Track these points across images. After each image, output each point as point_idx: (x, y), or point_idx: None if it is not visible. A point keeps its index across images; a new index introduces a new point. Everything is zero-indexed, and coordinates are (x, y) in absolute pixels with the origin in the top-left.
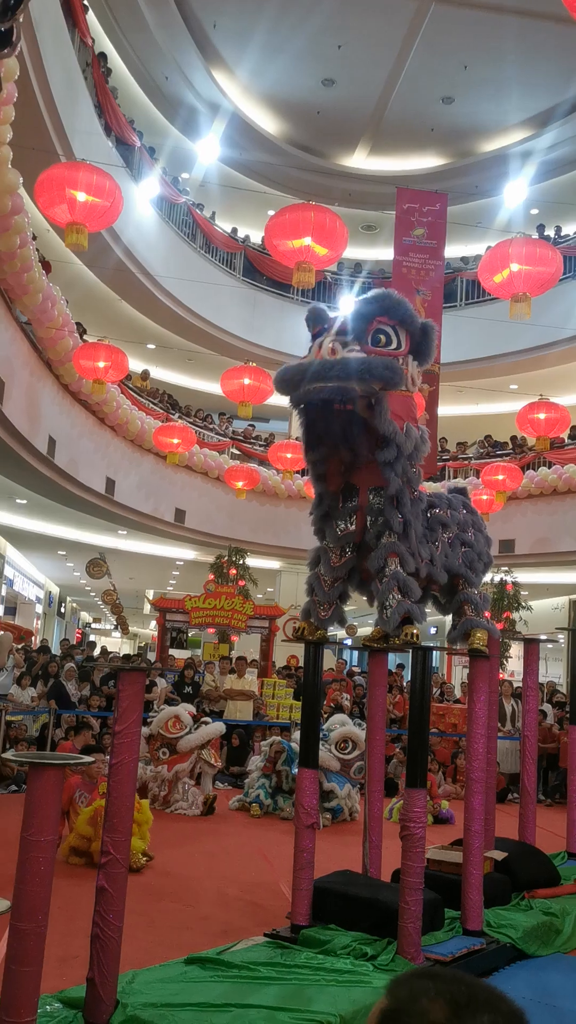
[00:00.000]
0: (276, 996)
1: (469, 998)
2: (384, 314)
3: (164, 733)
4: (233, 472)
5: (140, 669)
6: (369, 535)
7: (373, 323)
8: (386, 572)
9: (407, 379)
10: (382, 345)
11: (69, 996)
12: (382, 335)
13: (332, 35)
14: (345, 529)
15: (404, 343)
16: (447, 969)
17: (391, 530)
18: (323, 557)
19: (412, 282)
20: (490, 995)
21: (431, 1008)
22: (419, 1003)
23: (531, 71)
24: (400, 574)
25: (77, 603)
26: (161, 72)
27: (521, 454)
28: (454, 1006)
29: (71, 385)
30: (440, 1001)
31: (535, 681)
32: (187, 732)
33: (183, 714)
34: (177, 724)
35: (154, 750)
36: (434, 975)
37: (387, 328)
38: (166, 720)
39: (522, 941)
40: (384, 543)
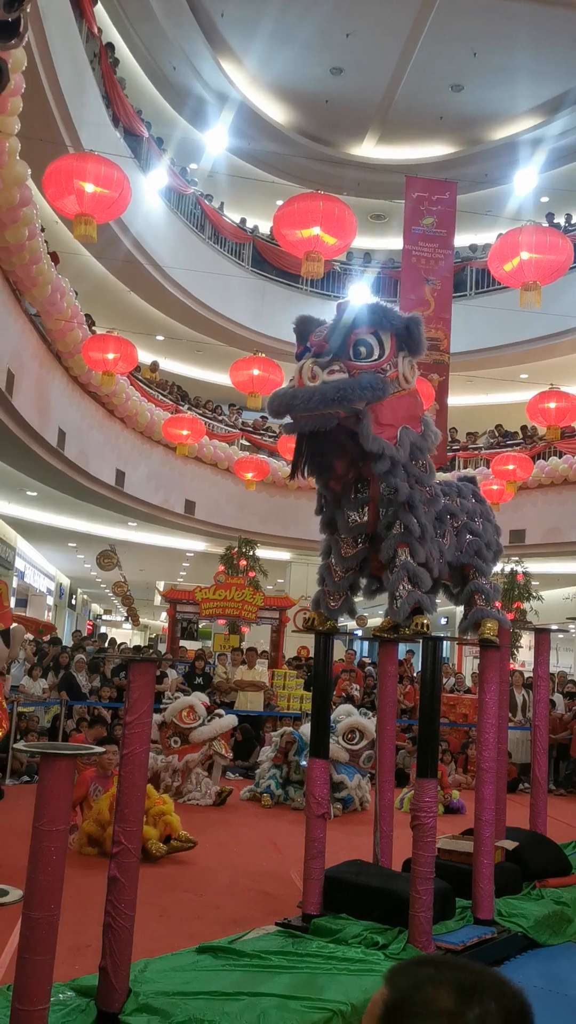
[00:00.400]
0: (288, 985)
1: (474, 983)
2: (360, 325)
3: (177, 722)
4: (243, 463)
5: (151, 660)
6: (380, 525)
7: (352, 336)
8: (396, 562)
9: (399, 380)
10: (363, 357)
11: (82, 984)
12: (363, 347)
13: (340, 23)
14: (356, 520)
15: (388, 347)
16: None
17: (408, 531)
18: (334, 547)
19: (421, 271)
20: (493, 979)
21: (437, 996)
22: (424, 992)
23: (541, 58)
24: (410, 564)
25: (88, 595)
26: (169, 62)
27: (531, 444)
28: (460, 992)
29: (80, 377)
30: (445, 988)
31: (546, 671)
32: (200, 724)
33: (198, 705)
34: (191, 714)
35: (165, 738)
36: (434, 962)
37: (366, 338)
38: (180, 709)
39: (533, 930)
40: (394, 533)
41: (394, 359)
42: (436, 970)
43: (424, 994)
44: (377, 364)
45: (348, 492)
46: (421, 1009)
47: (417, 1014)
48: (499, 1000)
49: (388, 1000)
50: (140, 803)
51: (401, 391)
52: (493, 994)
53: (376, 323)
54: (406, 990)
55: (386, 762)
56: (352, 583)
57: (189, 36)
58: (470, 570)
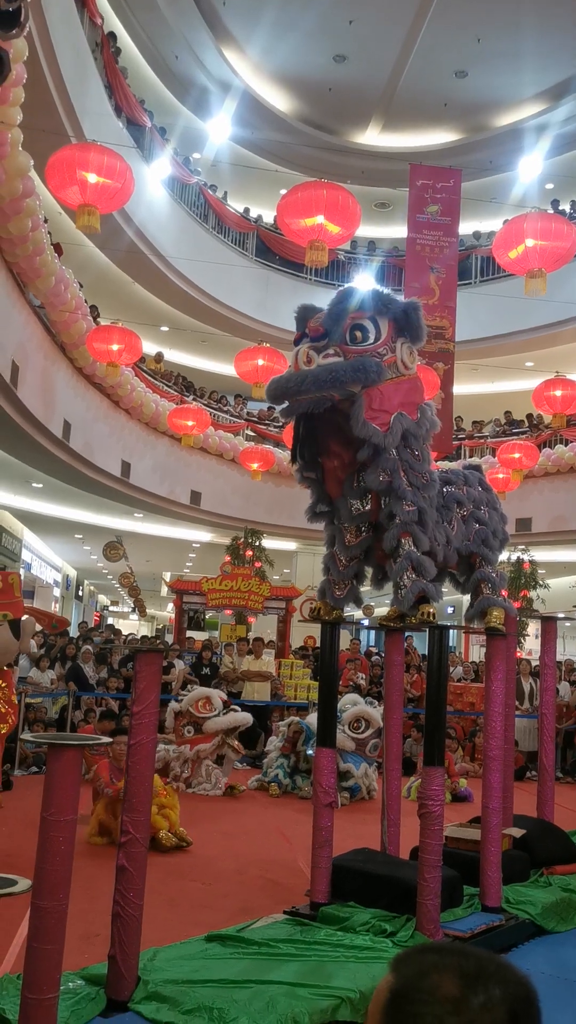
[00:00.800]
0: (296, 972)
1: (478, 970)
2: (357, 309)
3: (193, 711)
4: (248, 454)
5: (157, 650)
6: (383, 514)
7: (347, 320)
8: (400, 552)
9: (397, 365)
10: (359, 342)
11: (91, 973)
12: (358, 331)
13: (343, 10)
14: (359, 509)
15: (385, 332)
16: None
17: (407, 520)
18: (338, 536)
19: (426, 259)
20: (498, 966)
21: (442, 983)
22: (429, 979)
23: (545, 43)
24: (414, 553)
25: (95, 586)
26: (171, 51)
27: (537, 432)
28: (464, 979)
29: (85, 368)
30: (450, 975)
31: (552, 659)
32: (215, 715)
33: (215, 697)
34: (208, 705)
35: (180, 726)
36: (439, 949)
37: (363, 322)
38: (197, 700)
39: (541, 917)
40: (397, 523)
41: (391, 344)
42: (440, 957)
43: (429, 981)
44: (372, 348)
45: (350, 480)
46: (426, 996)
47: (422, 1001)
48: (504, 986)
49: (393, 987)
50: (148, 793)
51: (400, 377)
52: (498, 980)
53: (373, 308)
54: (411, 977)
55: (393, 751)
56: (357, 572)
57: (191, 24)
58: (476, 558)
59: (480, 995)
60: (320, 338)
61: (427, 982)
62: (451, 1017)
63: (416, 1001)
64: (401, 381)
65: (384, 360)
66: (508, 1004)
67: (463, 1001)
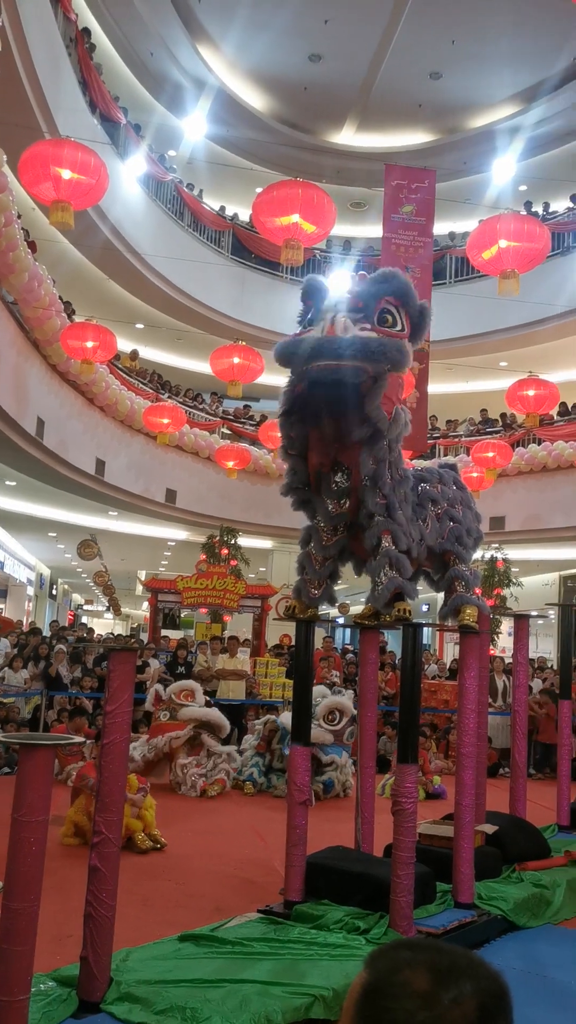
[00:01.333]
0: (270, 971)
1: (450, 965)
2: (392, 294)
3: (175, 699)
4: (224, 452)
5: (131, 649)
6: (362, 514)
7: (381, 302)
8: (379, 549)
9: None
10: (388, 325)
11: (63, 974)
12: (388, 315)
13: (318, 10)
14: (337, 509)
15: (406, 325)
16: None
17: (387, 516)
18: (314, 536)
19: (401, 259)
20: (470, 961)
21: (413, 979)
22: (400, 974)
23: (518, 46)
24: (392, 551)
25: (69, 585)
26: (146, 48)
27: (511, 431)
28: (436, 974)
29: (59, 365)
30: (421, 970)
31: (525, 657)
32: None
33: (199, 692)
34: (189, 697)
35: (157, 711)
36: (412, 945)
37: (392, 308)
38: (181, 690)
39: (513, 913)
40: (377, 521)
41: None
42: (413, 953)
43: (400, 977)
44: (399, 335)
45: (328, 481)
46: (397, 991)
47: (393, 996)
48: (476, 982)
49: (366, 983)
50: (121, 792)
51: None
52: (470, 976)
53: (402, 297)
54: (383, 973)
55: (367, 748)
56: (332, 571)
57: (166, 21)
58: (450, 556)
59: (451, 990)
60: (358, 310)
61: (399, 977)
62: (421, 1012)
63: (388, 996)
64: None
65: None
66: (479, 999)
67: (433, 996)
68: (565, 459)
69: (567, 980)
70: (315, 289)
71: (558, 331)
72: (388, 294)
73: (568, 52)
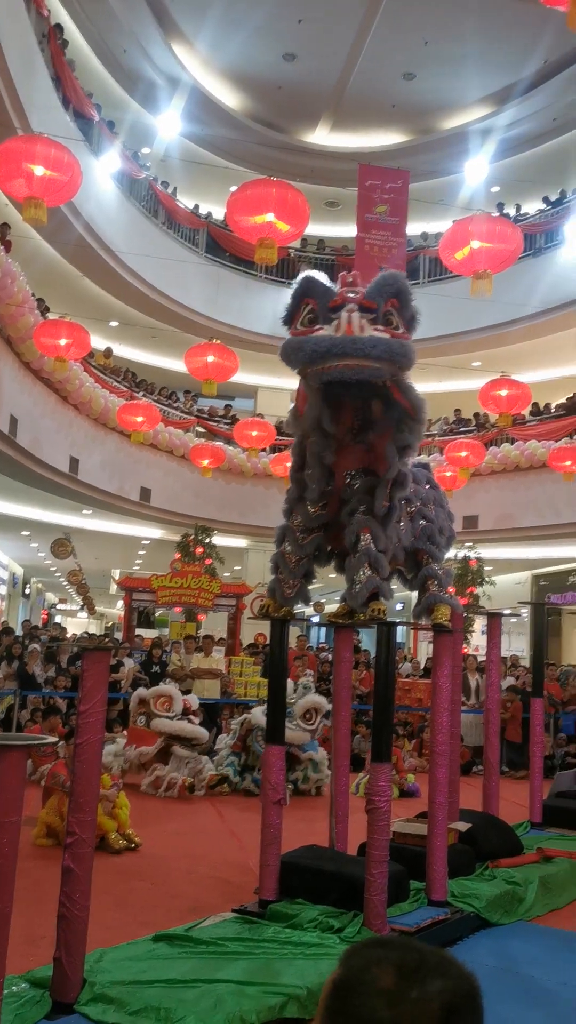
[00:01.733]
0: (244, 970)
1: (419, 964)
2: (395, 296)
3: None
4: (199, 450)
5: (105, 648)
6: (343, 515)
7: (387, 304)
8: (359, 547)
9: None
10: (392, 327)
11: (36, 976)
12: (391, 317)
13: (292, 9)
14: (316, 511)
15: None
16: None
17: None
18: (289, 536)
19: (375, 259)
20: (441, 960)
21: (380, 976)
22: (369, 972)
23: (490, 48)
24: (371, 550)
25: (42, 584)
26: (119, 45)
27: (484, 431)
28: (403, 972)
29: (32, 363)
30: (389, 968)
31: (498, 655)
32: (169, 717)
33: (178, 700)
34: (166, 704)
35: (137, 713)
36: (386, 943)
37: (393, 311)
38: (160, 695)
39: (486, 910)
40: (358, 518)
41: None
42: (385, 951)
43: (369, 975)
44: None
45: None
46: (364, 988)
47: (359, 992)
48: (444, 981)
49: (336, 979)
50: (94, 792)
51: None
52: (439, 975)
53: (403, 300)
54: (354, 970)
55: (341, 747)
56: (307, 570)
57: (140, 18)
58: (424, 555)
59: (415, 989)
60: (370, 312)
61: (368, 975)
62: (385, 1010)
63: (355, 993)
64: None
65: None
66: (446, 998)
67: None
68: (537, 459)
69: (539, 976)
70: (316, 288)
71: (530, 331)
72: (392, 295)
73: (539, 56)
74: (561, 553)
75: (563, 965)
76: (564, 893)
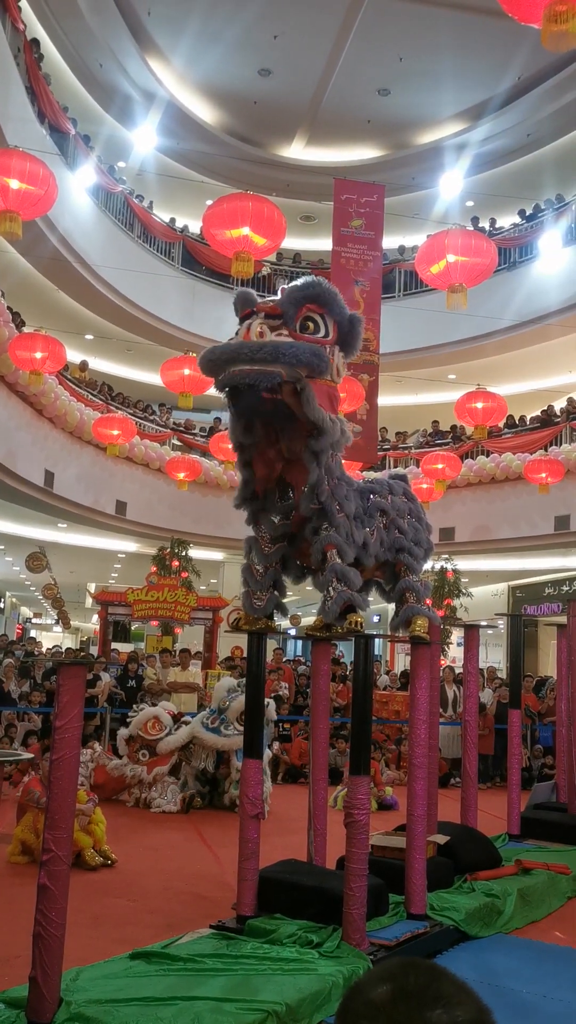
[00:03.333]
0: (222, 987)
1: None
2: (314, 301)
3: (143, 735)
4: (174, 463)
5: (81, 663)
6: (307, 529)
7: (303, 309)
8: (325, 565)
9: (332, 369)
10: (310, 332)
11: (11, 996)
12: (311, 322)
13: (268, 25)
14: (282, 521)
15: (332, 332)
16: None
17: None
18: (254, 546)
19: (351, 273)
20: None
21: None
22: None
23: (465, 64)
24: (338, 566)
25: (16, 598)
26: (95, 59)
27: (460, 443)
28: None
29: (7, 376)
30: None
31: (475, 667)
32: (167, 733)
33: (163, 715)
34: (157, 725)
35: (133, 752)
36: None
37: (316, 316)
38: (145, 721)
39: (465, 923)
40: (321, 536)
41: (333, 347)
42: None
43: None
44: (321, 341)
45: (273, 495)
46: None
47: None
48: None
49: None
50: (70, 809)
51: (330, 382)
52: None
53: (326, 304)
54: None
55: (320, 760)
56: (275, 579)
57: (116, 33)
58: (401, 567)
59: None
60: (276, 317)
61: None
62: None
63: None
64: (329, 386)
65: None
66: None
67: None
68: (513, 471)
69: (519, 989)
70: (247, 301)
71: (505, 344)
72: (309, 301)
73: (514, 72)
74: (537, 565)
75: (543, 977)
76: (543, 905)
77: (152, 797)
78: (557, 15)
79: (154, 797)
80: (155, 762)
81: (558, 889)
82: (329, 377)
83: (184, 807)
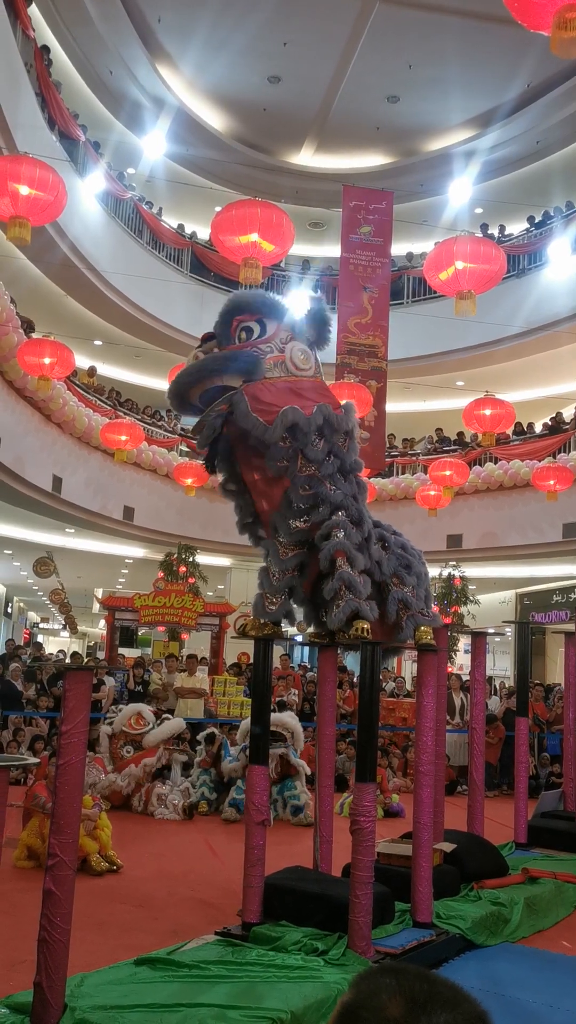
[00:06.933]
0: (227, 994)
1: (429, 996)
2: (242, 312)
3: (127, 730)
4: (182, 469)
5: (87, 668)
6: (319, 535)
7: (234, 323)
8: (334, 571)
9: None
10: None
11: (16, 1001)
12: (244, 332)
13: (277, 32)
14: (298, 526)
15: (270, 331)
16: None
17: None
18: (271, 549)
19: (359, 279)
20: (453, 995)
21: (389, 1004)
22: (379, 998)
23: (474, 72)
24: (345, 573)
25: (24, 603)
26: (105, 66)
27: (468, 450)
28: (411, 1004)
29: (16, 381)
30: (398, 998)
31: (483, 674)
32: (150, 728)
33: (145, 711)
34: (140, 721)
35: (117, 748)
36: (399, 971)
37: (250, 324)
38: (128, 717)
39: (471, 932)
40: (330, 542)
41: (278, 343)
42: (396, 980)
43: (378, 1001)
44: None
45: (286, 498)
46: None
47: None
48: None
49: (345, 1003)
50: (76, 814)
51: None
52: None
53: (257, 310)
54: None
55: (326, 767)
56: (291, 586)
57: (126, 41)
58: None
59: (422, 1020)
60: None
61: (375, 1002)
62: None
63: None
64: (297, 381)
65: (269, 357)
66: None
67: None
68: (521, 478)
69: (525, 998)
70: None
71: (514, 351)
72: (237, 313)
73: (522, 79)
74: (545, 572)
75: (549, 987)
76: (550, 914)
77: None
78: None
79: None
80: (142, 755)
81: (565, 898)
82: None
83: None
